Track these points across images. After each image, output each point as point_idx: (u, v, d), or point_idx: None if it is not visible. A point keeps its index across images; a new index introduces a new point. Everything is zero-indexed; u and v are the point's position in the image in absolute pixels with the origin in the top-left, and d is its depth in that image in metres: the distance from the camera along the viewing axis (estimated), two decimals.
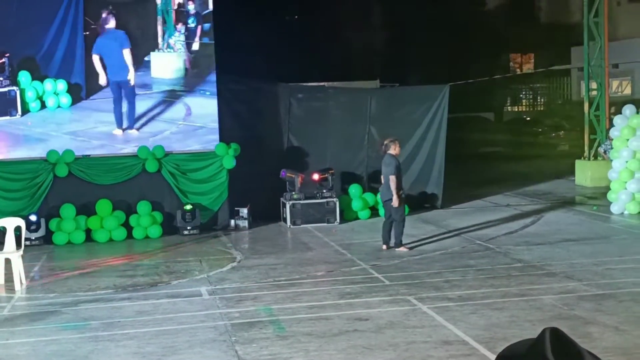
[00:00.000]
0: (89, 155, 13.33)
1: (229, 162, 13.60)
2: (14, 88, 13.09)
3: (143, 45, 13.94)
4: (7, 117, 13.14)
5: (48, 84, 13.27)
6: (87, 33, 13.52)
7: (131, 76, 13.72)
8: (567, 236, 11.80)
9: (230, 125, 14.21)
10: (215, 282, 9.63)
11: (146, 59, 13.95)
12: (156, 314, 8.24)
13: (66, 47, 13.45)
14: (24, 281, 9.69)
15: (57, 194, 12.93)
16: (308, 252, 11.54)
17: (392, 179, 10.90)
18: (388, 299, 8.47)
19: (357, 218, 14.22)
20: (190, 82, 14.15)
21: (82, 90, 13.53)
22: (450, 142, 15.31)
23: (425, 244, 11.69)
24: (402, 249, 11.13)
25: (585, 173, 17.63)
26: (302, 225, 13.57)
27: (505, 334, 6.98)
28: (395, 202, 10.94)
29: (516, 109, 34.99)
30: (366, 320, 7.65)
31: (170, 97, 14.07)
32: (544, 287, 8.71)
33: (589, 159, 17.77)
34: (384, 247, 11.28)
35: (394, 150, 11.15)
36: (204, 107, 14.01)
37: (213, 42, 14.14)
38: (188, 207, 13.31)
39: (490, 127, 29.98)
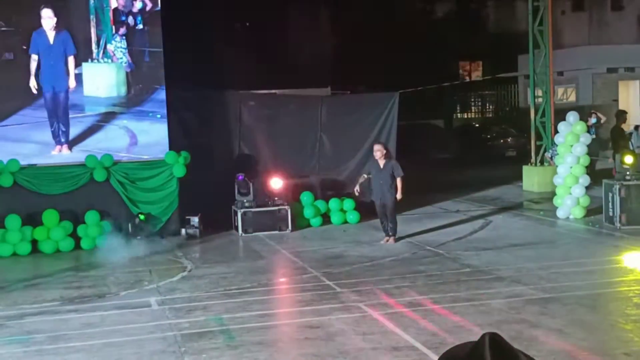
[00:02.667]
0: (35, 165, 13.08)
1: (179, 171, 13.48)
2: None
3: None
4: None
5: None
6: None
7: (71, 86, 12.71)
8: (514, 241, 11.98)
9: (179, 133, 14.09)
10: (165, 292, 9.53)
11: (76, 71, 12.64)
12: (103, 326, 8.13)
13: None
14: None
15: (1, 204, 12.64)
16: (259, 261, 11.50)
17: (403, 179, 12.12)
18: (339, 306, 8.49)
19: (308, 225, 14.23)
20: (133, 100, 13.20)
21: None
22: (400, 149, 15.43)
23: (376, 250, 11.75)
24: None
25: (532, 179, 17.94)
26: (253, 234, 13.51)
27: (454, 338, 7.04)
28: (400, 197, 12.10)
29: (465, 116, 35.46)
30: (317, 328, 7.65)
31: (108, 121, 12.99)
32: (492, 292, 8.83)
33: (535, 165, 18.10)
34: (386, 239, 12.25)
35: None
36: (152, 133, 13.29)
37: (162, 49, 13.73)
38: (142, 216, 13.16)
39: (440, 134, 30.30)
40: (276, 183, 13.94)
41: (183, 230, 13.52)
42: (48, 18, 12.89)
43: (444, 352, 1.90)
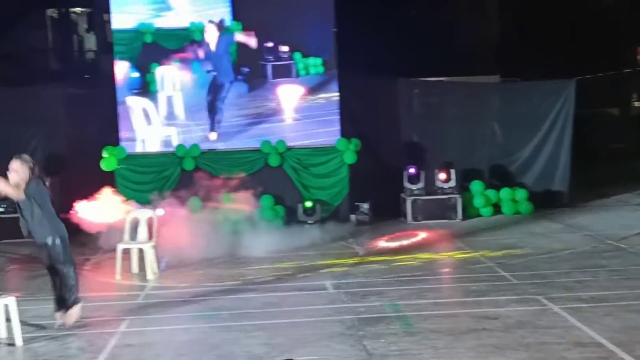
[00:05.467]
0: (215, 150, 13.71)
1: (350, 157, 13.66)
2: None
3: None
4: None
5: None
6: None
7: None
8: None
9: (350, 120, 14.26)
10: (339, 277, 9.69)
11: None
12: (283, 306, 8.38)
13: None
14: (155, 271, 10.06)
15: (184, 187, 13.31)
16: (430, 248, 11.44)
17: None
18: (516, 298, 8.28)
19: (478, 215, 13.98)
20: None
21: None
22: (574, 139, 14.83)
23: (552, 242, 11.36)
24: None
25: None
26: (423, 221, 13.47)
27: None
28: None
29: None
30: (494, 319, 7.50)
31: None
32: None
33: None
34: None
35: None
36: (324, 120, 13.85)
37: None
38: (308, 204, 13.48)
39: (616, 123, 28.76)
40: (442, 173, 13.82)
41: (353, 217, 13.69)
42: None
43: None
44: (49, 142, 14.26)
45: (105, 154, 13.44)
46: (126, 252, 10.22)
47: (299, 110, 14.00)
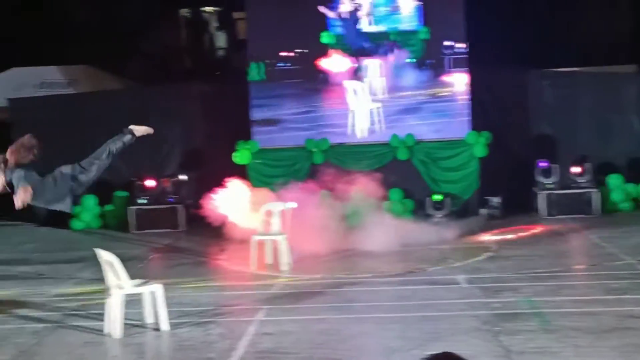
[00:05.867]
0: (344, 144, 13.85)
1: (480, 151, 13.46)
2: None
3: None
4: None
5: None
6: None
7: None
8: None
9: (480, 113, 14.03)
10: (472, 271, 9.58)
11: None
12: (416, 300, 8.37)
13: None
14: (289, 262, 10.28)
15: (314, 180, 13.49)
16: (565, 244, 11.15)
17: None
18: None
19: (616, 210, 13.44)
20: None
21: None
22: None
23: None
24: None
25: None
26: (557, 216, 13.09)
27: None
28: None
29: None
30: (639, 318, 7.22)
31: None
32: None
33: None
34: None
35: None
36: (453, 114, 13.75)
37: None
38: (437, 197, 13.39)
39: None
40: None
41: (483, 211, 13.48)
42: None
43: None
44: (186, 138, 14.85)
45: (238, 148, 13.84)
46: (260, 243, 10.48)
47: (427, 103, 13.91)
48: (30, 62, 17.87)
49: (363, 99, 13.83)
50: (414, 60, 13.81)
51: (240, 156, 13.81)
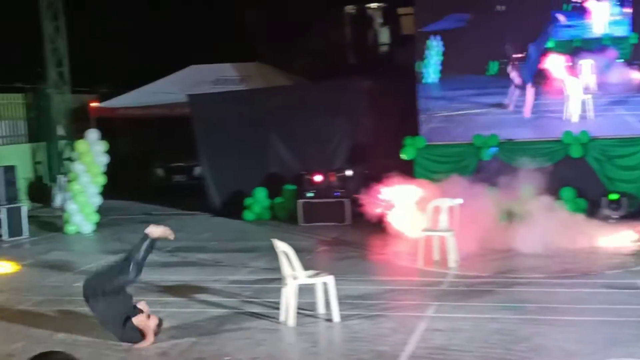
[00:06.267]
0: (513, 140, 13.50)
1: None
2: None
3: None
4: None
5: None
6: None
7: None
8: None
9: None
10: None
11: None
12: (593, 303, 8.04)
13: None
14: (457, 259, 10.16)
15: (481, 177, 13.25)
16: None
17: None
18: None
19: None
20: None
21: None
22: None
23: None
24: None
25: None
26: None
27: None
28: None
29: None
30: None
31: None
32: None
33: None
34: None
35: None
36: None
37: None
38: (614, 196, 12.73)
39: None
40: None
41: None
42: None
43: None
44: (353, 133, 15.04)
45: (406, 144, 13.85)
46: (427, 239, 10.42)
47: (633, 97, 13.32)
48: (206, 60, 18.79)
49: (577, 91, 13.53)
50: (622, 60, 13.40)
51: (407, 151, 13.82)
